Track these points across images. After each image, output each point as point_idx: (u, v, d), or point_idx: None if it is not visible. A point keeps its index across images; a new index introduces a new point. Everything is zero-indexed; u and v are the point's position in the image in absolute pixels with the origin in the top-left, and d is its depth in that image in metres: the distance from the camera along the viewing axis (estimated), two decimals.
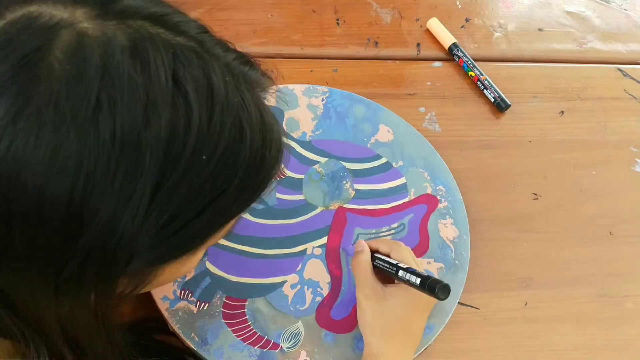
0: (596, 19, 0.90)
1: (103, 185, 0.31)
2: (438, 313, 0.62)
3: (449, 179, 0.70)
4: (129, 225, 0.32)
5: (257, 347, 0.58)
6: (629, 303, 0.67)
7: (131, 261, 0.34)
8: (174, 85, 0.32)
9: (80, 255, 0.32)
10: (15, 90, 0.30)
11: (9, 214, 0.31)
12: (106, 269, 0.33)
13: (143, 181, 0.32)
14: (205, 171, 0.34)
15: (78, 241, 0.31)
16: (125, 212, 0.32)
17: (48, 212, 0.31)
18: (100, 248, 0.32)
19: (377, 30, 0.83)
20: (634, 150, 0.78)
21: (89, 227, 0.31)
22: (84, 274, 0.33)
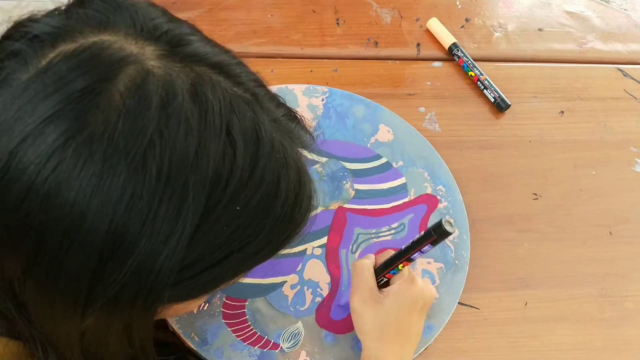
0: (596, 19, 0.90)
1: (145, 220, 0.31)
2: (438, 313, 0.62)
3: (449, 179, 0.70)
4: (166, 265, 0.32)
5: (257, 347, 0.58)
6: (629, 303, 0.67)
7: (161, 298, 0.34)
8: (226, 134, 0.33)
9: (114, 287, 0.32)
10: (73, 116, 0.30)
11: (43, 232, 0.31)
12: (141, 303, 0.34)
13: (182, 222, 0.32)
14: (236, 221, 0.34)
15: (113, 273, 0.32)
16: (163, 250, 0.32)
17: (84, 239, 0.31)
18: (135, 283, 0.32)
19: (377, 30, 0.83)
20: (634, 150, 0.78)
21: (126, 261, 0.31)
22: (115, 305, 0.33)
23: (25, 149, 0.30)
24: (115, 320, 0.35)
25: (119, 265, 0.31)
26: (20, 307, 0.36)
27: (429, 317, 0.61)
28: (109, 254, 0.31)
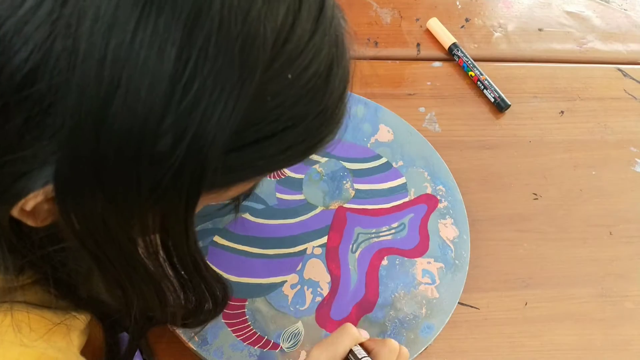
0: (596, 19, 0.90)
1: (203, 86, 0.28)
2: (438, 313, 0.62)
3: (449, 179, 0.70)
4: (218, 138, 0.29)
5: (257, 347, 0.58)
6: (629, 303, 0.67)
7: (214, 177, 0.31)
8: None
9: (168, 174, 0.29)
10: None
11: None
12: (187, 189, 0.31)
13: (241, 81, 0.29)
14: (284, 92, 0.31)
15: (168, 156, 0.29)
16: (218, 121, 0.29)
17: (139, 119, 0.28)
18: (187, 164, 0.29)
19: (377, 30, 0.83)
20: (634, 150, 0.78)
21: (184, 137, 0.29)
22: (163, 196, 0.31)
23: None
24: (154, 215, 0.32)
25: (173, 146, 0.29)
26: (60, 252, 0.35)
27: (429, 317, 0.61)
28: (162, 132, 0.28)
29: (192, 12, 0.27)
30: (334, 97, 0.35)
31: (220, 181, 0.33)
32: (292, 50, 0.31)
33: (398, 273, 0.63)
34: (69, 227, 0.32)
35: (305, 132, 0.34)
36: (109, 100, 0.27)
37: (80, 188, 0.30)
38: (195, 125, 0.28)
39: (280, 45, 0.30)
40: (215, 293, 0.45)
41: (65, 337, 0.41)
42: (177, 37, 0.27)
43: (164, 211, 0.32)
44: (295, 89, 0.32)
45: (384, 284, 0.63)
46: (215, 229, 0.63)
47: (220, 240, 0.62)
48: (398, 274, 0.63)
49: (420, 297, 0.62)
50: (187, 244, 0.36)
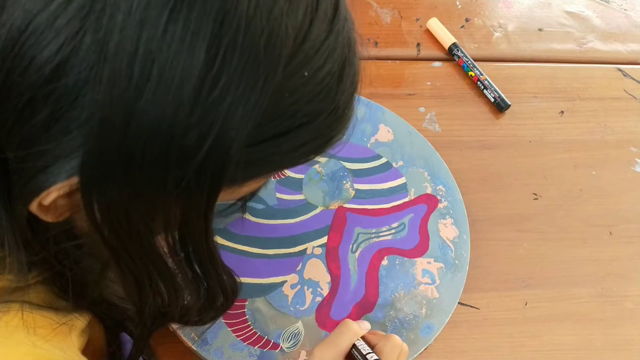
0: (596, 19, 0.90)
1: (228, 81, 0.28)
2: (438, 313, 0.62)
3: (449, 179, 0.70)
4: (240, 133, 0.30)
5: (257, 347, 0.58)
6: (629, 303, 0.67)
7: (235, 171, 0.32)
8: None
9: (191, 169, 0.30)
10: None
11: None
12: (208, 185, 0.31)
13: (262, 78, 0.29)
14: (300, 90, 0.32)
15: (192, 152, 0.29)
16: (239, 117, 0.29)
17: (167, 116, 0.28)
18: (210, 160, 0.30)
19: (377, 30, 0.83)
20: (634, 150, 0.78)
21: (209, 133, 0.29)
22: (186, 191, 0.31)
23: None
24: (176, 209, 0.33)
25: (200, 140, 0.29)
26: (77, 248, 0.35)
27: (429, 317, 0.61)
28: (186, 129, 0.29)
29: (222, 8, 0.27)
30: (345, 96, 0.36)
31: (238, 176, 0.34)
32: (310, 49, 0.32)
33: (398, 273, 0.63)
34: (91, 220, 0.32)
35: (318, 130, 0.35)
36: (139, 93, 0.27)
37: (106, 181, 0.30)
38: (220, 119, 0.29)
39: (299, 44, 0.31)
40: (227, 288, 0.45)
41: (66, 338, 0.41)
42: (207, 31, 0.27)
43: (185, 205, 0.32)
44: (311, 86, 0.32)
45: (384, 284, 0.63)
46: (215, 229, 0.63)
47: (220, 240, 0.62)
48: (398, 274, 0.63)
49: (420, 297, 0.62)
50: (206, 238, 0.37)
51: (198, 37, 0.27)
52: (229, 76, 0.28)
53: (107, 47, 0.27)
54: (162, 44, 0.27)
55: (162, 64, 0.27)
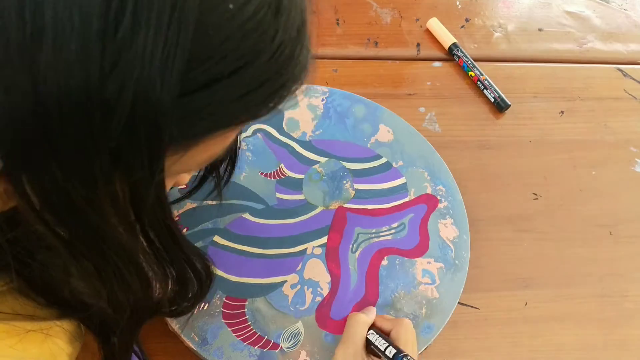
0: (596, 19, 0.90)
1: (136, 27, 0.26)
2: (438, 313, 0.62)
3: (449, 179, 0.70)
4: (166, 83, 0.27)
5: (257, 347, 0.58)
6: (629, 303, 0.67)
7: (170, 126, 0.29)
8: None
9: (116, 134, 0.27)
10: None
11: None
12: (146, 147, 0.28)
13: (186, 10, 0.26)
14: (228, 24, 0.29)
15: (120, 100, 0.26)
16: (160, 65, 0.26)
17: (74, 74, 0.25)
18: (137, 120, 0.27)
19: (377, 30, 0.83)
20: (634, 150, 0.78)
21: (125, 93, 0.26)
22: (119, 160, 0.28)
23: None
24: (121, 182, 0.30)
25: (119, 91, 0.26)
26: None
27: (429, 317, 0.61)
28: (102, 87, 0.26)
29: None
30: (289, 34, 0.31)
31: (179, 134, 0.30)
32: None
33: (398, 273, 0.63)
34: (27, 205, 0.29)
35: (261, 75, 0.31)
36: (37, 45, 0.24)
37: (30, 156, 0.27)
38: (138, 62, 0.26)
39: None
40: (197, 269, 0.43)
41: (41, 345, 0.38)
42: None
43: (129, 175, 0.29)
44: (240, 21, 0.29)
45: (384, 284, 0.63)
46: (215, 229, 0.63)
47: (220, 240, 0.62)
48: (398, 274, 0.63)
49: (420, 297, 0.62)
50: (163, 215, 0.34)
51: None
52: (133, 11, 0.25)
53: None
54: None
55: (55, 8, 0.24)
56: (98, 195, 0.29)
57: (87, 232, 0.32)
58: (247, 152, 0.69)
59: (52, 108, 0.25)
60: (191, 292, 0.46)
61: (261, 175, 0.67)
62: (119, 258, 0.35)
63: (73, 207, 0.29)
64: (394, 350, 0.53)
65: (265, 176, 0.67)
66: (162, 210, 0.34)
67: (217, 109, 0.31)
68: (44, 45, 0.24)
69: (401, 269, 0.64)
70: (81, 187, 0.29)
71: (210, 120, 0.31)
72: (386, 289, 0.62)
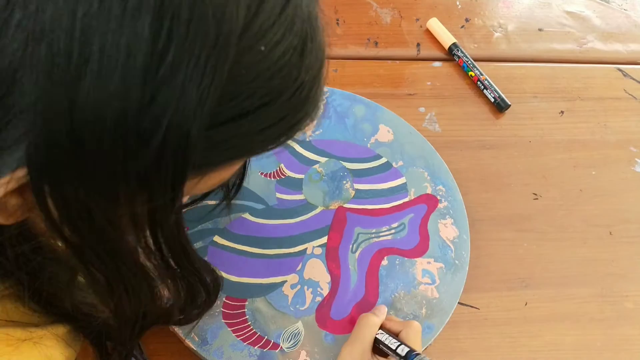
0: (596, 19, 0.90)
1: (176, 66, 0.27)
2: (438, 313, 0.62)
3: (449, 179, 0.70)
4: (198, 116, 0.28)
5: (257, 347, 0.58)
6: (629, 303, 0.67)
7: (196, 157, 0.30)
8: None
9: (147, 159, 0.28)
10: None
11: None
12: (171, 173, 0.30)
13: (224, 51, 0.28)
14: (258, 66, 0.30)
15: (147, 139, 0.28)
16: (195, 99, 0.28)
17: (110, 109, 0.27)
18: (168, 148, 0.28)
19: (377, 30, 0.83)
20: (634, 150, 0.78)
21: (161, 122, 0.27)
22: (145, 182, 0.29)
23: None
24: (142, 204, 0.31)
25: (153, 125, 0.27)
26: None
27: (429, 317, 0.61)
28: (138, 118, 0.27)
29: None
30: (310, 75, 0.34)
31: (201, 163, 0.32)
32: (265, 21, 0.30)
33: (398, 273, 0.63)
34: (47, 218, 0.30)
35: (282, 111, 0.33)
36: (80, 73, 0.25)
37: (57, 172, 0.28)
38: (175, 98, 0.27)
39: (253, 15, 0.29)
40: (206, 282, 0.44)
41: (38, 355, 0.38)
42: (149, 3, 0.26)
43: (151, 197, 0.30)
44: (269, 62, 0.31)
45: (384, 284, 0.63)
46: (215, 229, 0.63)
47: (220, 240, 0.62)
48: (398, 274, 0.63)
49: (420, 297, 0.62)
50: (178, 233, 0.35)
51: (140, 10, 0.25)
52: (177, 50, 0.26)
53: (40, 23, 0.25)
54: (99, 19, 0.25)
55: (102, 40, 0.25)
56: (118, 214, 0.31)
57: (103, 247, 0.33)
58: None
59: (87, 134, 0.26)
60: (200, 301, 0.46)
61: (261, 175, 0.67)
62: (131, 273, 0.36)
63: (92, 223, 0.30)
64: (407, 348, 0.53)
65: (265, 176, 0.67)
66: (179, 231, 0.35)
67: (239, 142, 0.32)
68: (87, 74, 0.25)
69: (401, 269, 0.64)
70: (103, 206, 0.30)
71: (231, 151, 0.33)
72: (386, 289, 0.62)
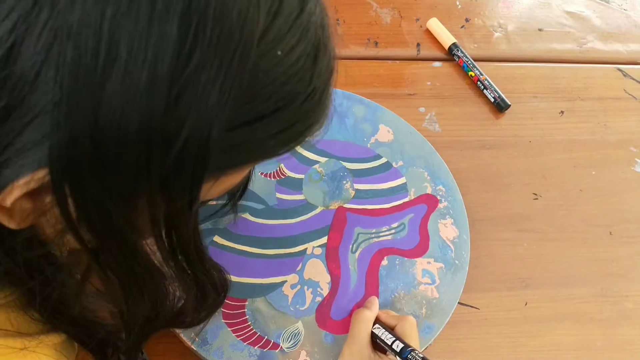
0: (596, 19, 0.90)
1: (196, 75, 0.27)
2: (438, 313, 0.62)
3: (449, 179, 0.70)
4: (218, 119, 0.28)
5: (257, 347, 0.58)
6: (629, 303, 0.67)
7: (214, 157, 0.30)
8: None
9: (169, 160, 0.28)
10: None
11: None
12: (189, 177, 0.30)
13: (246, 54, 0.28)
14: (275, 70, 0.30)
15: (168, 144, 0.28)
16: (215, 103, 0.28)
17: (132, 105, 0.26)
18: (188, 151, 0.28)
19: (377, 30, 0.83)
20: (634, 150, 0.78)
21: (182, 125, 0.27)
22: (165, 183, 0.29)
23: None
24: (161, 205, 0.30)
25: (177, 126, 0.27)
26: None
27: (429, 317, 0.61)
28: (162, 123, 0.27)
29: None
30: (321, 80, 0.34)
31: (217, 166, 0.32)
32: (282, 26, 0.30)
33: (398, 273, 0.63)
34: (65, 218, 0.29)
35: (295, 115, 0.33)
36: (107, 74, 0.25)
37: (79, 172, 0.27)
38: (197, 99, 0.27)
39: (272, 19, 0.29)
40: (217, 284, 0.44)
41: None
42: (178, 4, 0.25)
43: (169, 198, 0.30)
44: (285, 67, 0.31)
45: (384, 284, 0.63)
46: (215, 229, 0.63)
47: (220, 240, 0.62)
48: (398, 274, 0.63)
49: (420, 297, 0.62)
50: (194, 235, 0.35)
51: (168, 11, 0.25)
52: (202, 51, 0.26)
53: (68, 23, 0.25)
54: (128, 19, 0.25)
55: (130, 41, 0.25)
56: (137, 216, 0.30)
57: (120, 248, 0.32)
58: None
59: (111, 134, 0.26)
60: (210, 302, 0.46)
61: (261, 175, 0.67)
62: (147, 274, 0.36)
63: (111, 225, 0.30)
64: (401, 344, 0.53)
65: (265, 176, 0.67)
66: (195, 232, 0.35)
67: (254, 145, 0.32)
68: (113, 75, 0.25)
69: (401, 269, 0.64)
70: (123, 207, 0.30)
71: (246, 154, 0.33)
72: (386, 289, 0.62)
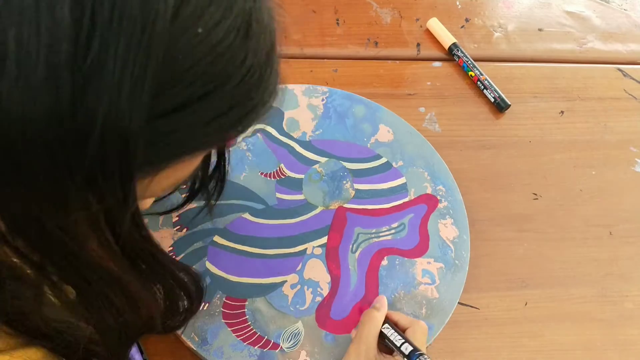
0: (596, 19, 0.90)
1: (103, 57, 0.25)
2: (438, 313, 0.62)
3: (449, 179, 0.70)
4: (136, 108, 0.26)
5: (257, 347, 0.58)
6: (629, 303, 0.67)
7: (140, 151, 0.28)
8: None
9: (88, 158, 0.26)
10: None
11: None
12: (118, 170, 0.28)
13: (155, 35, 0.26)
14: (197, 49, 0.28)
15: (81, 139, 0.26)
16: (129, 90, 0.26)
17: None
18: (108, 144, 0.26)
19: (377, 30, 0.83)
20: (634, 150, 0.78)
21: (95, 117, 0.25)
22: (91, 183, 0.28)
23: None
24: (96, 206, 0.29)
25: (89, 119, 0.25)
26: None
27: (429, 317, 0.61)
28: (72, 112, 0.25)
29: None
30: (258, 58, 0.31)
31: (147, 160, 0.30)
32: (197, 7, 0.27)
33: (398, 273, 0.63)
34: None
35: (230, 99, 0.31)
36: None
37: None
38: (108, 89, 0.25)
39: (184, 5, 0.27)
40: (186, 285, 0.43)
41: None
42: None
43: (102, 200, 0.28)
44: (210, 45, 0.28)
45: (384, 284, 0.63)
46: (215, 229, 0.63)
47: (220, 240, 0.62)
48: (398, 274, 0.63)
49: (420, 297, 0.62)
50: (140, 237, 0.34)
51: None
52: (103, 36, 0.24)
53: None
54: (10, 9, 0.23)
55: (18, 32, 0.23)
56: (72, 221, 0.29)
57: (64, 257, 0.31)
58: (247, 152, 0.69)
59: (15, 135, 0.25)
60: (182, 307, 0.45)
61: (261, 175, 0.67)
62: (102, 280, 0.34)
63: (46, 234, 0.29)
64: (410, 347, 0.53)
65: (265, 176, 0.67)
66: (140, 234, 0.34)
67: (185, 134, 0.30)
68: (5, 71, 0.23)
69: (401, 269, 0.64)
70: (52, 212, 0.28)
71: (178, 144, 0.30)
72: (386, 289, 0.62)
